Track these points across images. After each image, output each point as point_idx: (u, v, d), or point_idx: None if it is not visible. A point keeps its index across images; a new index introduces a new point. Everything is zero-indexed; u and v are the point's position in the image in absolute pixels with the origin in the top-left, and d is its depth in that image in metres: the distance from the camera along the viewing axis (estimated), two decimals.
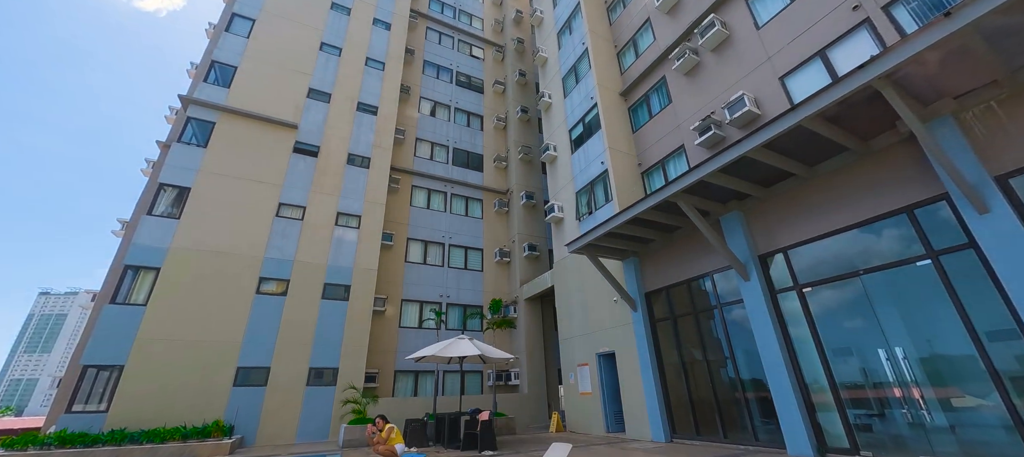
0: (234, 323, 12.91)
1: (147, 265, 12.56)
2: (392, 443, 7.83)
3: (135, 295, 12.23)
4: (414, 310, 17.03)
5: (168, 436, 10.05)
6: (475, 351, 10.57)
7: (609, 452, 8.42)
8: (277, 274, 14.04)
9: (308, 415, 12.95)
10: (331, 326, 14.19)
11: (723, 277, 9.52)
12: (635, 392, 10.95)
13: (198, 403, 11.68)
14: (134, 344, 11.61)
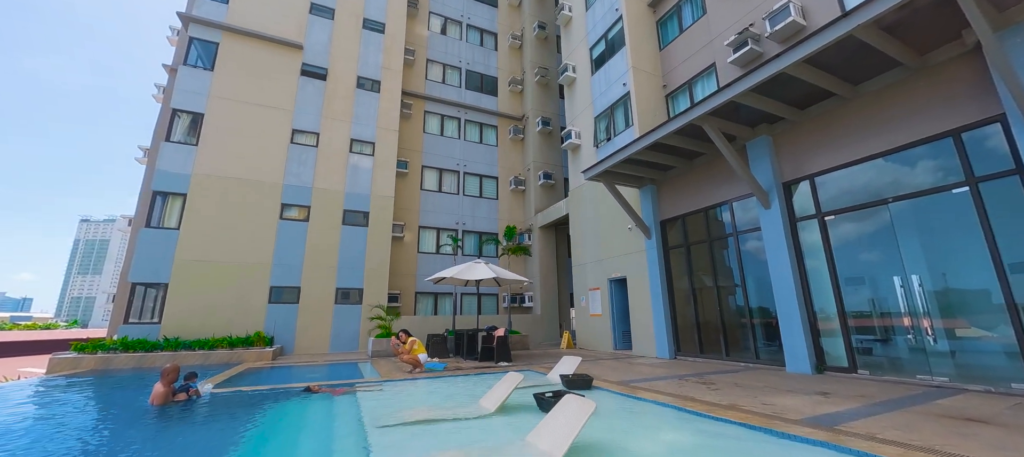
0: (262, 246, 13.58)
1: (174, 191, 13.00)
2: (415, 353, 8.52)
3: (167, 219, 12.84)
4: (431, 236, 17.50)
5: (217, 344, 11.13)
6: (491, 274, 10.99)
7: (616, 364, 9.01)
8: (298, 201, 14.40)
9: (338, 329, 14.05)
10: (353, 250, 14.80)
11: (742, 206, 9.36)
12: (643, 314, 11.40)
13: (238, 318, 12.73)
14: (174, 264, 12.44)
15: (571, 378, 6.62)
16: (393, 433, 4.19)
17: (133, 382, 8.05)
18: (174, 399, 5.51)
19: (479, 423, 4.61)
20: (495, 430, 4.37)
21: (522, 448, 3.52)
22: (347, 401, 5.89)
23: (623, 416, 4.89)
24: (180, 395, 5.59)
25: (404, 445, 3.82)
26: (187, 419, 4.94)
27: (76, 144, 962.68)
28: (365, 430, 4.31)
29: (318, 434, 4.43)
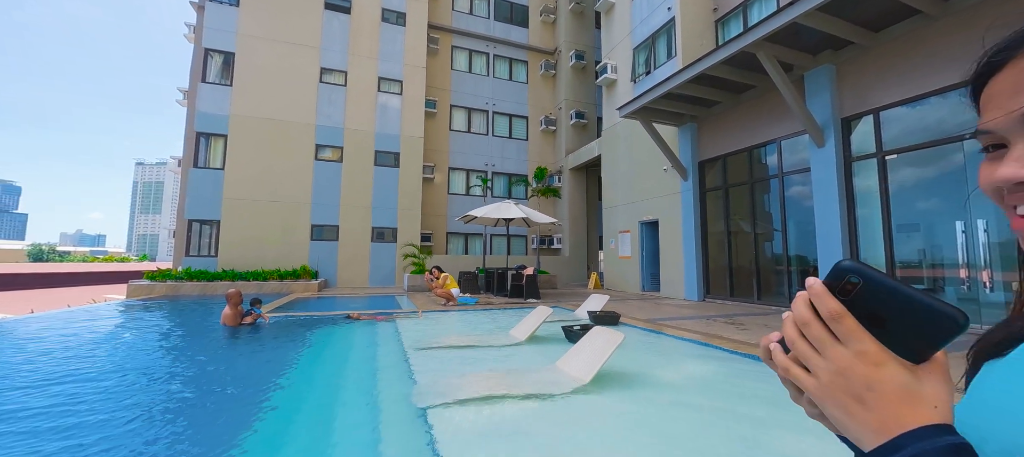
0: (301, 186, 14.14)
1: (215, 132, 13.51)
2: (448, 287, 8.94)
3: (212, 160, 13.49)
4: (461, 178, 17.58)
5: (269, 276, 12.09)
6: (521, 214, 11.05)
7: (643, 304, 9.14)
8: (330, 141, 14.66)
9: (375, 265, 14.83)
10: (386, 191, 15.16)
11: (791, 145, 8.73)
12: (674, 257, 11.29)
13: (285, 253, 13.63)
14: (223, 202, 13.24)
15: (599, 314, 6.78)
16: (431, 356, 4.51)
17: (201, 307, 8.97)
18: (242, 322, 6.09)
19: (510, 350, 4.88)
20: (525, 357, 4.61)
21: (552, 371, 3.71)
22: (388, 328, 6.33)
23: (648, 350, 5.02)
24: (247, 318, 6.16)
25: (442, 366, 4.11)
26: (253, 339, 5.50)
27: (123, 88, 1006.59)
28: (406, 352, 4.66)
29: (365, 355, 4.83)
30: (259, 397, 3.32)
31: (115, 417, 2.98)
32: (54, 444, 2.49)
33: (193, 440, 2.63)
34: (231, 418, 2.91)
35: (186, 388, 3.73)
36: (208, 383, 3.79)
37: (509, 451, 2.32)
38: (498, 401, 3.03)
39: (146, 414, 3.09)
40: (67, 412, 3.01)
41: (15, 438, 2.57)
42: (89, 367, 4.27)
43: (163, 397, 3.50)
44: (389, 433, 2.63)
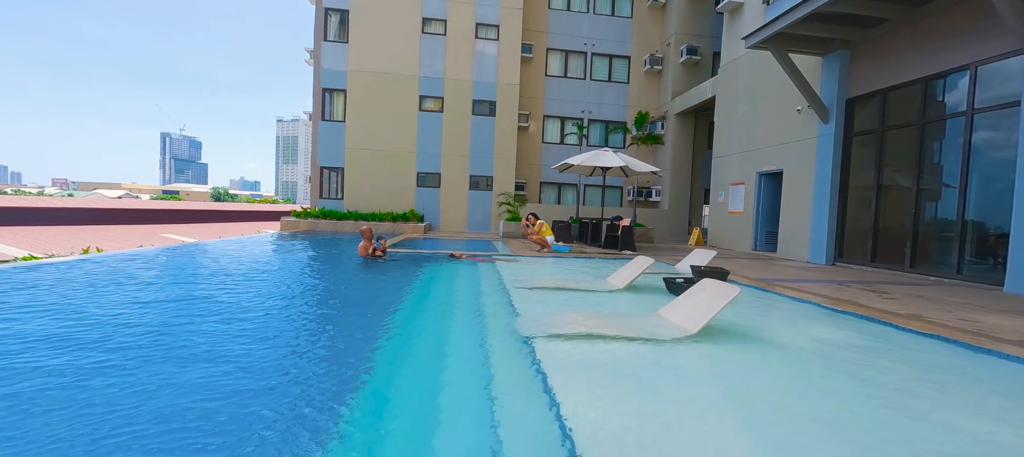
0: (407, 136, 15.27)
1: (336, 87, 15.06)
2: (543, 234, 9.11)
3: (335, 113, 15.18)
4: (556, 126, 17.22)
5: (384, 217, 13.66)
6: (619, 162, 10.53)
7: (755, 263, 8.25)
8: (432, 92, 15.36)
9: (473, 211, 15.71)
10: (483, 140, 15.60)
11: (992, 73, 6.68)
12: (799, 213, 9.84)
13: (395, 198, 15.13)
14: (345, 152, 15.00)
15: (703, 269, 6.32)
16: (530, 294, 4.72)
17: (334, 240, 10.56)
18: (374, 255, 7.00)
19: (607, 296, 4.86)
20: (624, 303, 4.56)
21: (655, 318, 3.62)
22: (487, 268, 6.75)
23: (761, 309, 4.57)
24: (377, 251, 7.07)
25: (541, 305, 4.28)
26: (381, 270, 6.31)
27: (264, 52, 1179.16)
28: (507, 290, 4.95)
29: (470, 289, 5.25)
30: (385, 318, 3.84)
31: (286, 323, 3.74)
32: (240, 329, 3.24)
33: (338, 349, 3.19)
34: (366, 334, 3.43)
35: (334, 306, 4.49)
36: (350, 303, 4.51)
37: (612, 385, 2.37)
38: (600, 340, 3.07)
39: (303, 320, 3.82)
40: (244, 313, 3.85)
41: (213, 322, 3.39)
42: (260, 282, 5.38)
43: (317, 310, 4.27)
44: (497, 356, 2.86)
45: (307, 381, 2.42)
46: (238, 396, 2.16)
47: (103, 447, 1.62)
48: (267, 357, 2.78)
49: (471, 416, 2.06)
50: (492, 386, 2.33)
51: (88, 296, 4.10)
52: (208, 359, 2.63)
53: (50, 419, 1.83)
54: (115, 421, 1.82)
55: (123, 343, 2.84)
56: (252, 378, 2.41)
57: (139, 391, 2.13)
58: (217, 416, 1.93)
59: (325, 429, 1.86)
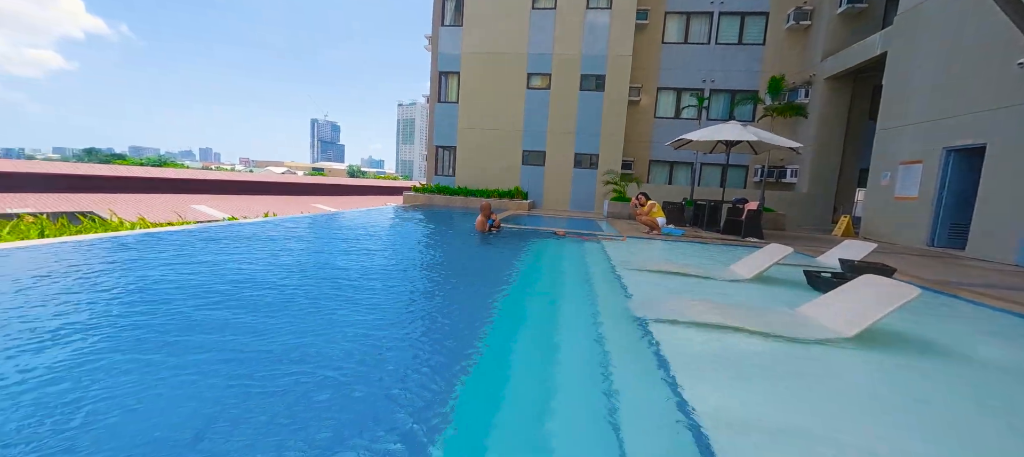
0: (514, 114, 15.59)
1: (451, 70, 15.98)
2: (653, 215, 8.58)
3: (450, 95, 16.17)
4: (670, 99, 15.86)
5: (491, 194, 14.33)
6: (750, 136, 9.26)
7: (931, 262, 6.56)
8: (540, 69, 15.32)
9: (577, 190, 15.52)
10: (589, 117, 15.14)
11: None
12: (1007, 200, 7.53)
13: (502, 175, 15.71)
14: (458, 131, 15.97)
15: (857, 264, 5.29)
16: (641, 276, 4.51)
17: (448, 214, 11.46)
18: (489, 229, 7.39)
19: (731, 286, 4.39)
20: (751, 296, 4.07)
21: (795, 316, 3.17)
22: (593, 247, 6.64)
23: (944, 319, 3.66)
24: (492, 227, 7.44)
25: (655, 288, 4.07)
26: (495, 244, 6.62)
27: (388, 41, 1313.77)
28: (616, 270, 4.81)
29: (577, 267, 5.23)
30: (502, 287, 4.05)
31: (413, 283, 4.20)
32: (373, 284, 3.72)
33: (459, 316, 3.46)
34: (482, 303, 3.66)
35: (454, 276, 4.90)
36: (470, 272, 4.87)
37: (744, 382, 2.15)
38: (727, 332, 2.80)
39: (428, 284, 4.24)
40: (372, 277, 4.40)
41: (353, 278, 3.94)
42: (392, 246, 6.10)
43: (440, 279, 4.70)
44: (611, 335, 2.81)
45: (430, 339, 2.70)
46: (373, 338, 2.51)
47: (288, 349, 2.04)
48: (397, 313, 3.17)
49: (585, 392, 2.07)
50: (608, 366, 2.31)
51: (269, 245, 5.15)
52: (350, 306, 3.10)
53: (263, 322, 2.37)
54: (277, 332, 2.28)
55: (290, 284, 3.51)
56: (390, 327, 2.77)
57: (291, 323, 2.62)
58: (352, 355, 2.28)
59: (443, 389, 2.05)
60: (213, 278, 3.63)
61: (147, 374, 1.95)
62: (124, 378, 1.90)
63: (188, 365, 2.06)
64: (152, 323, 2.58)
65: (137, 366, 2.02)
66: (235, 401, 1.76)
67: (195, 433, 1.54)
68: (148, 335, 2.40)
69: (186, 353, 2.19)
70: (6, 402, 1.66)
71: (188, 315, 2.74)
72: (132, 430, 1.54)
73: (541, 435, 1.68)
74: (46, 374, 1.89)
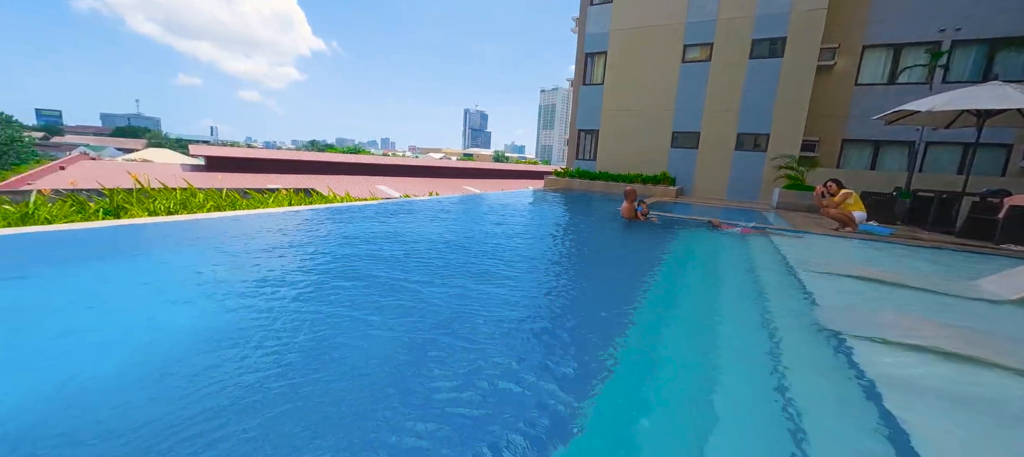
0: (665, 93, 14.34)
1: (598, 50, 15.53)
2: (849, 208, 6.89)
3: (595, 76, 15.79)
4: (882, 59, 12.32)
5: (633, 179, 13.63)
6: None
7: None
8: (699, 39, 13.65)
9: (737, 176, 13.54)
10: (759, 90, 12.91)
11: None
12: None
13: (647, 159, 14.75)
14: (601, 113, 15.56)
15: None
16: (832, 281, 3.69)
17: (587, 198, 11.38)
18: (637, 217, 7.07)
19: (980, 307, 3.24)
20: (1013, 323, 2.93)
21: None
22: (760, 242, 5.71)
23: None
24: (640, 214, 7.11)
25: (849, 296, 3.29)
26: (643, 232, 6.30)
27: (533, 30, 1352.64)
28: (794, 271, 4.05)
29: (740, 263, 4.59)
30: (653, 281, 3.83)
31: (556, 267, 4.30)
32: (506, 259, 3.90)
33: (602, 304, 3.39)
34: (627, 294, 3.51)
35: (595, 262, 4.86)
36: (616, 262, 4.77)
37: (1003, 442, 1.57)
38: (973, 365, 2.09)
39: (573, 269, 4.28)
40: (516, 257, 4.60)
41: (485, 256, 4.21)
42: (537, 228, 6.36)
43: (581, 265, 4.72)
44: (791, 349, 2.38)
45: (570, 330, 2.72)
46: (512, 314, 2.65)
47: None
48: (539, 296, 3.28)
49: (755, 414, 1.81)
50: (786, 385, 1.96)
51: (437, 218, 5.95)
52: (494, 282, 3.34)
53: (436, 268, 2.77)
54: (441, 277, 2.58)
55: (449, 253, 3.97)
56: (524, 309, 2.90)
57: (454, 291, 2.93)
58: (496, 327, 2.43)
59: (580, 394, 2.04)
60: (394, 243, 4.38)
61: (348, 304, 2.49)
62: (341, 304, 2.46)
63: (375, 316, 2.54)
64: (356, 272, 3.27)
65: (345, 298, 2.59)
66: (406, 356, 2.11)
67: (390, 375, 1.89)
68: (355, 285, 3.05)
69: (370, 309, 2.71)
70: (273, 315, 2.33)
71: (368, 268, 3.38)
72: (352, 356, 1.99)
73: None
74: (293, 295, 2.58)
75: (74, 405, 1.56)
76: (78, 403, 1.57)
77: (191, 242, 4.07)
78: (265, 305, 2.55)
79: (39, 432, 1.41)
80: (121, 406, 1.56)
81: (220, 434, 1.42)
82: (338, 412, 1.58)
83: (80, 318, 2.30)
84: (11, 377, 1.73)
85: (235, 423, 1.47)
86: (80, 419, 1.48)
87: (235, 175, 23.36)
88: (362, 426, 1.50)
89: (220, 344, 2.03)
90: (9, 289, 2.65)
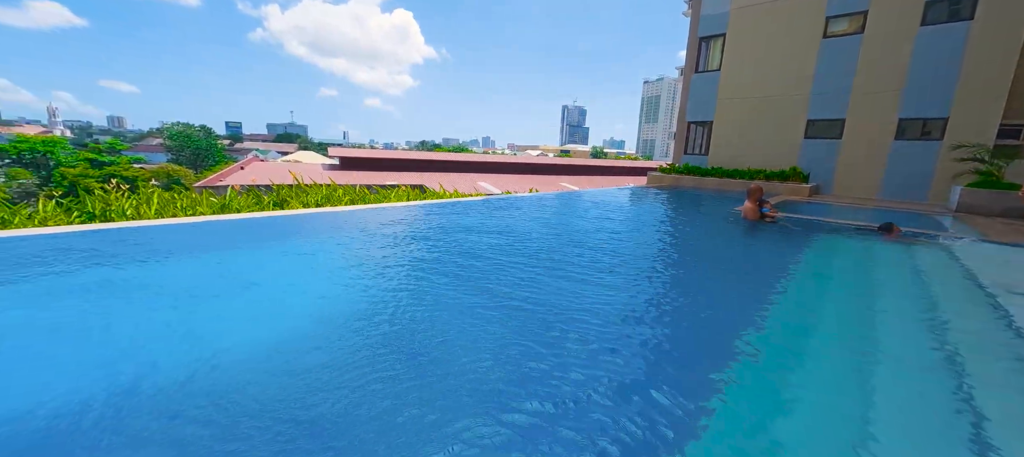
0: (798, 75, 12.39)
1: (714, 33, 14.07)
2: None
3: (711, 61, 14.36)
4: None
5: (754, 175, 12.09)
6: None
7: None
8: (848, 8, 11.46)
9: (894, 171, 11.11)
10: (934, 64, 10.35)
11: None
12: None
13: (772, 152, 12.95)
14: (717, 103, 14.11)
15: None
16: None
17: (697, 197, 10.45)
18: (762, 218, 6.21)
19: None
20: None
21: None
22: (934, 256, 4.59)
23: None
24: (766, 216, 6.23)
25: None
26: (771, 236, 5.47)
27: (631, 22, 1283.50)
28: (996, 299, 3.16)
29: (907, 281, 3.76)
30: (774, 293, 3.35)
31: (663, 273, 4.01)
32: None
33: (719, 309, 3.05)
34: (745, 306, 3.11)
35: (710, 267, 4.43)
36: (729, 267, 4.30)
37: None
38: None
39: (684, 276, 3.95)
40: (622, 254, 4.36)
41: (586, 248, 4.04)
42: (642, 229, 6.03)
43: (699, 271, 4.34)
44: (997, 398, 1.86)
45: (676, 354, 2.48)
46: (622, 324, 2.50)
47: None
48: (649, 304, 3.08)
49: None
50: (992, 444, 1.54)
51: (536, 213, 6.03)
52: (592, 282, 3.22)
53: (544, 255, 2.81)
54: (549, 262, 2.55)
55: (559, 246, 3.96)
56: (632, 315, 2.73)
57: (559, 285, 2.89)
58: (595, 332, 2.32)
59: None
60: (504, 237, 4.55)
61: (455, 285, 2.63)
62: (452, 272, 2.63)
63: (487, 305, 2.65)
64: (463, 263, 3.47)
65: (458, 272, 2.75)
66: (517, 343, 2.15)
67: (493, 358, 1.96)
68: (467, 271, 3.24)
69: (487, 298, 2.83)
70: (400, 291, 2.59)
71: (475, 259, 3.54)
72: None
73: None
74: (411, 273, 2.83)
75: (296, 338, 1.94)
76: (292, 339, 1.95)
77: (337, 228, 4.77)
78: (402, 281, 2.86)
79: (263, 357, 1.79)
80: (324, 346, 1.90)
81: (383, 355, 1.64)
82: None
83: (274, 284, 2.86)
84: (266, 318, 2.22)
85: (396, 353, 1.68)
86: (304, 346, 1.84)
87: (361, 172, 26.79)
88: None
89: (376, 306, 2.34)
90: (225, 258, 3.42)
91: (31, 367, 1.85)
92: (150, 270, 3.08)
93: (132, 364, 1.86)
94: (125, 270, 3.04)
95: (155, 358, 1.92)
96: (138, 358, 1.92)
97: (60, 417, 1.51)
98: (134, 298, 2.60)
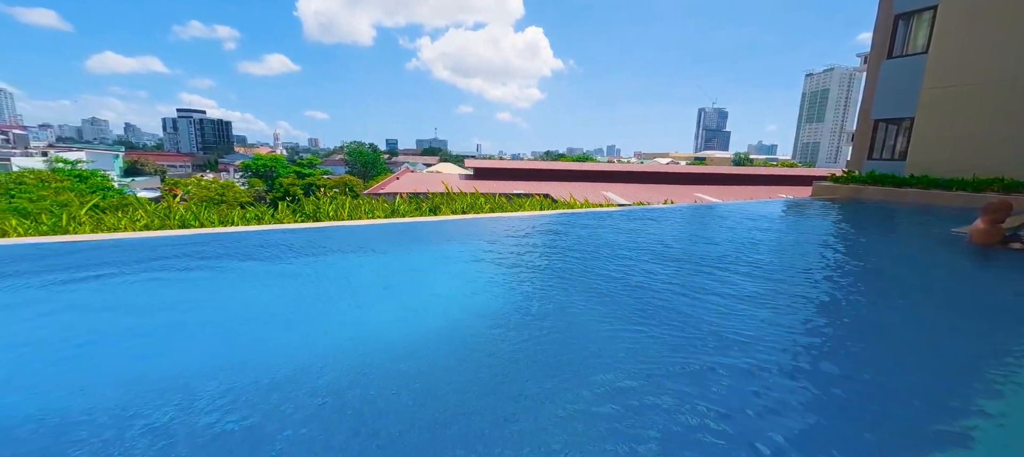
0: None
1: (919, 7, 11.18)
2: None
3: (912, 44, 11.45)
4: None
5: (983, 186, 9.15)
6: None
7: None
8: None
9: None
10: None
11: None
12: None
13: (1010, 153, 9.61)
14: (920, 94, 11.13)
15: None
16: None
17: (891, 212, 8.41)
18: (1006, 245, 4.64)
19: None
20: None
21: None
22: None
23: None
24: (1014, 243, 4.61)
25: None
26: (1019, 268, 4.13)
27: (787, 9, 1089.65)
28: None
29: None
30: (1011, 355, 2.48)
31: (856, 306, 3.33)
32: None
33: (947, 361, 2.40)
34: (981, 361, 2.36)
35: (927, 305, 3.53)
36: (954, 307, 3.35)
37: None
38: None
39: (888, 311, 3.22)
40: (760, 276, 3.72)
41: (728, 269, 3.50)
42: (825, 249, 5.12)
43: (905, 305, 3.51)
44: None
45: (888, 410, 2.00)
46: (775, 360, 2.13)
47: None
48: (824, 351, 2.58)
49: None
50: None
51: (676, 227, 5.63)
52: (781, 318, 2.80)
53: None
54: None
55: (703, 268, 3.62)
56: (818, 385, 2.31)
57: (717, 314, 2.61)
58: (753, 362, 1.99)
59: None
60: (653, 247, 4.39)
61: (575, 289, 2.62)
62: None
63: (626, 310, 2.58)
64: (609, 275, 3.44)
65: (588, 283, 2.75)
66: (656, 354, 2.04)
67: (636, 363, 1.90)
68: (608, 283, 3.21)
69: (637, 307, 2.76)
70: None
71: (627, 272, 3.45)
72: None
73: None
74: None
75: (472, 319, 2.28)
76: (466, 324, 2.28)
77: (485, 234, 5.28)
78: (547, 287, 3.03)
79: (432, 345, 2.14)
80: (498, 338, 2.17)
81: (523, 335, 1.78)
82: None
83: (439, 283, 3.35)
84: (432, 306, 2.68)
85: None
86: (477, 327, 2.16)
87: (492, 182, 28.90)
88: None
89: (523, 298, 2.55)
90: (401, 256, 4.12)
91: (266, 326, 2.54)
92: (343, 262, 3.89)
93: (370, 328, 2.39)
94: (325, 259, 3.91)
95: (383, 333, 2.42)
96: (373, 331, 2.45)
97: (275, 369, 2.04)
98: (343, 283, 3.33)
